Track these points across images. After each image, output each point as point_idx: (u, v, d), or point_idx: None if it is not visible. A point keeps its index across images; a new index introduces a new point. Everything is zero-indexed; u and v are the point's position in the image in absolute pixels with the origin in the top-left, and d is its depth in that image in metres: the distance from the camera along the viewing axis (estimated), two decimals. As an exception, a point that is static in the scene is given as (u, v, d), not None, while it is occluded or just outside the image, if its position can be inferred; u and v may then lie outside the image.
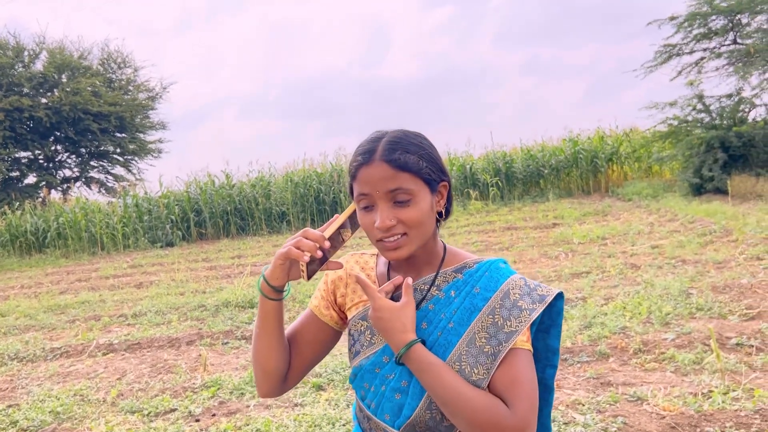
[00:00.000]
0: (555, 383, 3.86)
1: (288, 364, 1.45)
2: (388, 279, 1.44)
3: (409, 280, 1.32)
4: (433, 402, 1.29)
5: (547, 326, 1.39)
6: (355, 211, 1.35)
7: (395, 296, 1.38)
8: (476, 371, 1.27)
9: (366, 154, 1.30)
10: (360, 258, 1.52)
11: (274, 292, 1.35)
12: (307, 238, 1.27)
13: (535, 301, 1.31)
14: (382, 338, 1.37)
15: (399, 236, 1.29)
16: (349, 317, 1.47)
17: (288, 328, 1.50)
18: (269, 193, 16.76)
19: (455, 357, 1.28)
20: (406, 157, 1.28)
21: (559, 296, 1.36)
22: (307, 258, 1.25)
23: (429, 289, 1.37)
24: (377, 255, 1.50)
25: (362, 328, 1.43)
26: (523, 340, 1.28)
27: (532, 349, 1.31)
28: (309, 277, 1.30)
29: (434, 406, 1.29)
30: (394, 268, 1.45)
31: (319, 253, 1.26)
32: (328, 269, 1.35)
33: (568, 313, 5.41)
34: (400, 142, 1.30)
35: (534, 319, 1.30)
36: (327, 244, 1.28)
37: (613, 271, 6.97)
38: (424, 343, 1.30)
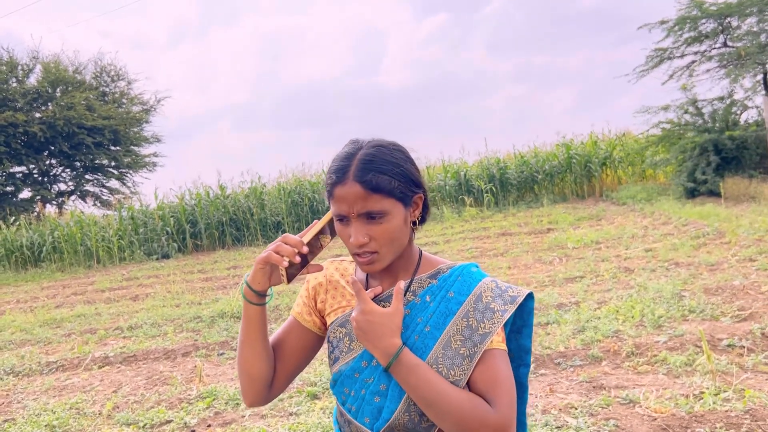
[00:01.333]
0: (548, 387, 3.88)
1: (273, 370, 1.48)
2: (366, 285, 1.48)
3: (402, 284, 1.35)
4: (412, 404, 1.32)
5: (519, 327, 1.44)
6: (332, 218, 1.38)
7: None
8: (453, 373, 1.30)
9: (340, 173, 1.33)
10: (339, 265, 1.56)
11: (257, 297, 1.39)
12: (286, 243, 1.32)
13: (506, 303, 1.36)
14: (360, 344, 1.40)
15: (371, 253, 1.33)
16: (328, 323, 1.50)
17: (272, 336, 1.53)
18: (263, 203, 16.78)
19: (432, 359, 1.32)
20: (379, 178, 1.30)
21: (530, 297, 1.41)
22: (286, 263, 1.30)
23: (404, 295, 1.40)
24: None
25: (341, 334, 1.46)
26: (498, 340, 1.32)
27: (507, 349, 1.35)
28: (289, 281, 1.34)
29: (413, 408, 1.32)
30: (372, 275, 1.48)
31: (298, 258, 1.30)
32: (308, 272, 1.39)
33: (561, 318, 5.44)
34: (373, 160, 1.32)
35: (507, 319, 1.34)
36: (305, 249, 1.32)
37: (607, 275, 7.00)
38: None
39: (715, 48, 15.32)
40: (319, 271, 1.41)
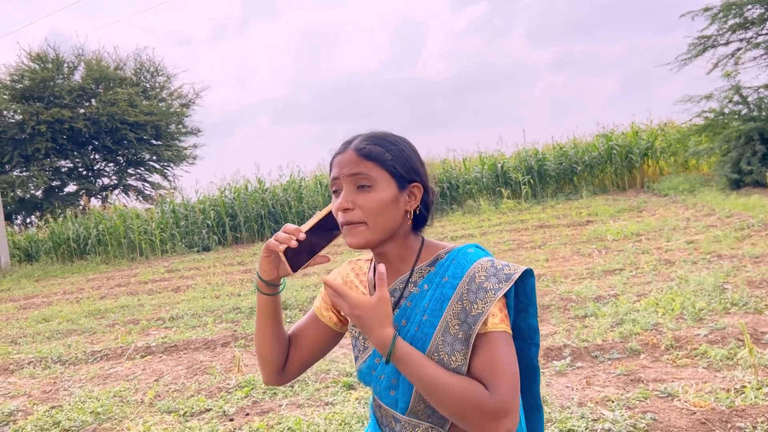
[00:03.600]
0: (585, 380, 3.85)
1: (285, 356, 1.52)
2: (374, 283, 1.47)
3: (381, 267, 1.31)
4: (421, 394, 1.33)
5: (525, 305, 1.39)
6: (326, 218, 1.39)
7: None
8: (454, 359, 1.29)
9: (343, 145, 1.40)
10: (355, 264, 1.57)
11: (267, 287, 1.42)
12: (284, 231, 1.35)
13: (500, 281, 1.31)
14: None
15: (358, 224, 1.34)
16: (349, 325, 1.53)
17: (294, 325, 1.58)
18: (301, 196, 16.92)
19: (433, 348, 1.31)
20: (373, 148, 1.36)
21: (529, 274, 1.37)
22: (282, 248, 1.32)
23: (405, 287, 1.40)
24: (371, 260, 1.54)
25: (356, 333, 1.49)
26: (495, 322, 1.29)
27: (510, 331, 1.31)
28: (295, 270, 1.36)
29: (424, 397, 1.33)
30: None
31: (294, 243, 1.32)
32: (315, 263, 1.40)
33: (599, 310, 5.38)
34: (374, 137, 1.38)
35: (499, 297, 1.29)
36: (302, 235, 1.33)
37: (647, 267, 6.88)
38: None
39: (761, 34, 14.85)
40: (326, 262, 1.41)
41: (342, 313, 1.48)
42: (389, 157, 1.36)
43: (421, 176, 1.41)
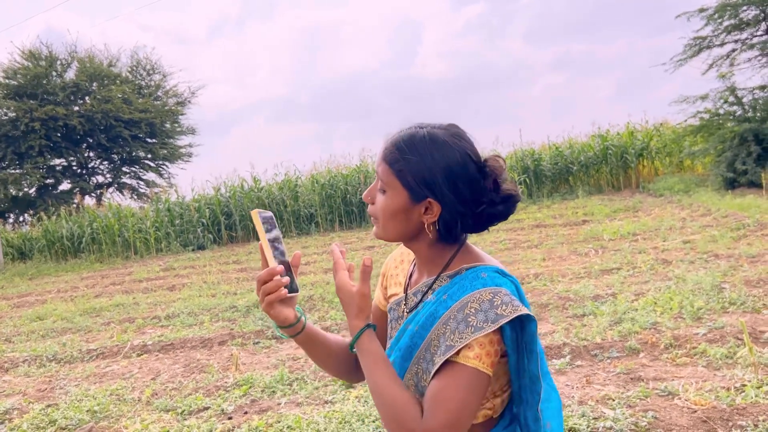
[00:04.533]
0: (585, 379, 3.84)
1: (350, 364, 1.49)
2: (410, 274, 1.46)
3: (368, 261, 1.27)
4: (409, 380, 1.32)
5: (530, 349, 1.27)
6: (265, 231, 1.32)
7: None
8: (425, 378, 1.27)
9: (387, 137, 1.37)
10: (403, 249, 1.55)
11: (292, 329, 1.35)
12: (266, 283, 1.26)
13: (488, 320, 1.20)
14: (393, 333, 1.42)
15: (373, 218, 1.36)
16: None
17: None
18: (297, 194, 16.89)
19: (416, 359, 1.29)
20: (392, 154, 1.31)
21: (527, 319, 1.23)
22: (285, 292, 1.26)
23: (426, 292, 1.37)
24: None
25: (389, 320, 1.49)
26: (468, 355, 1.20)
27: (484, 370, 1.21)
28: (296, 291, 1.33)
29: (410, 382, 1.32)
30: (416, 267, 1.46)
31: (286, 279, 1.27)
32: (297, 265, 1.35)
33: (597, 309, 5.38)
34: (405, 139, 1.31)
35: (478, 336, 1.19)
36: (280, 268, 1.27)
37: (644, 266, 6.89)
38: (374, 329, 1.29)
39: (756, 36, 14.91)
40: (300, 258, 1.36)
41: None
42: (402, 166, 1.29)
43: (440, 193, 1.28)
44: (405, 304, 1.42)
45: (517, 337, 1.24)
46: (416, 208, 1.30)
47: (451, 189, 1.27)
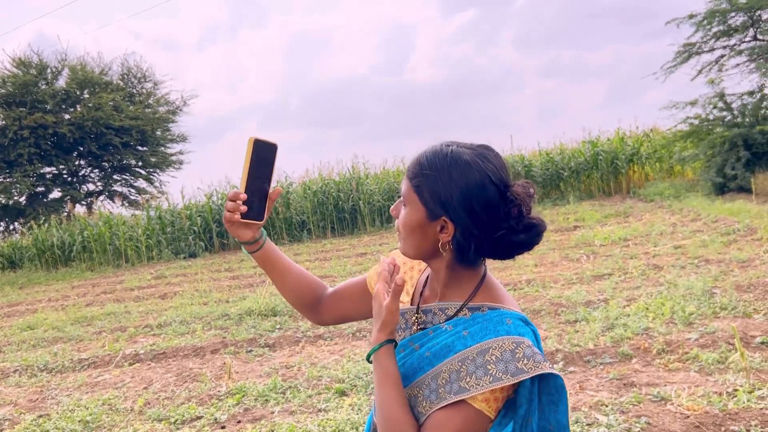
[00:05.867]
0: (578, 385, 3.85)
1: (309, 296, 1.61)
2: (423, 288, 1.46)
3: (401, 279, 1.26)
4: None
5: (555, 400, 1.27)
6: (253, 161, 1.39)
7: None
8: (424, 405, 1.27)
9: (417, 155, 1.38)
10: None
11: (250, 246, 1.49)
12: (229, 200, 1.39)
13: (507, 372, 1.19)
14: (400, 335, 1.42)
15: (398, 234, 1.38)
16: None
17: (347, 280, 1.65)
18: (289, 202, 16.87)
19: (418, 383, 1.29)
20: (415, 169, 1.31)
21: (554, 376, 1.23)
22: (237, 216, 1.38)
23: (452, 316, 1.35)
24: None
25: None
26: (481, 399, 1.20)
27: (488, 414, 1.22)
28: (261, 219, 1.43)
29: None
30: (429, 283, 1.45)
31: (243, 208, 1.38)
32: (273, 200, 1.45)
33: (590, 315, 5.40)
34: (427, 156, 1.30)
35: (495, 387, 1.19)
36: (243, 196, 1.38)
37: (636, 272, 6.92)
38: (395, 344, 1.30)
39: (744, 42, 15.05)
40: (279, 192, 1.46)
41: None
42: (419, 182, 1.29)
43: (453, 212, 1.25)
44: (416, 320, 1.40)
45: (532, 390, 1.23)
46: (432, 225, 1.29)
47: (465, 210, 1.24)
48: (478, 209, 1.24)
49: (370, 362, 1.30)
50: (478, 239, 1.25)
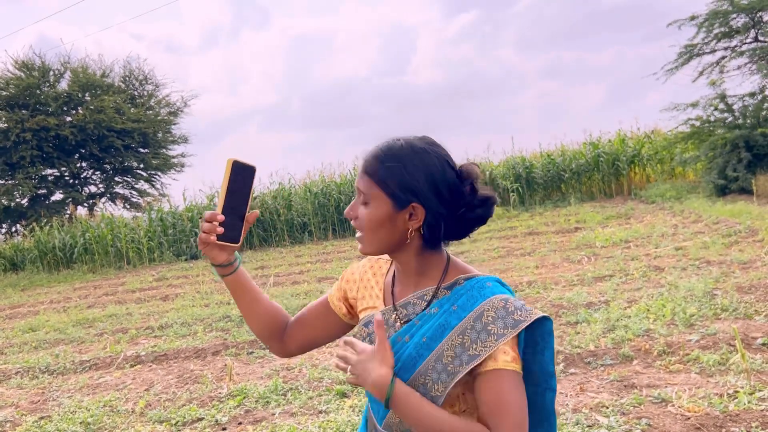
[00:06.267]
0: (579, 386, 3.85)
1: (274, 327, 1.55)
2: (392, 287, 1.47)
3: (379, 316, 1.32)
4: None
5: (541, 348, 1.34)
6: (231, 182, 1.38)
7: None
8: (436, 387, 1.29)
9: (366, 152, 1.40)
10: (375, 263, 1.56)
11: (222, 269, 1.45)
12: (205, 221, 1.37)
13: (507, 326, 1.26)
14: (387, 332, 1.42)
15: (358, 233, 1.38)
16: (358, 325, 1.52)
17: (308, 305, 1.61)
18: (290, 204, 16.88)
19: (422, 370, 1.30)
20: (371, 165, 1.34)
21: (544, 319, 1.31)
22: (212, 238, 1.36)
23: (430, 301, 1.39)
24: (391, 262, 1.53)
25: (364, 334, 1.47)
26: (507, 359, 1.25)
27: (520, 371, 1.28)
28: (237, 242, 1.40)
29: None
30: (397, 279, 1.47)
31: (220, 229, 1.36)
32: (250, 223, 1.43)
33: (591, 317, 5.40)
34: (382, 150, 1.35)
35: (501, 343, 1.26)
36: (221, 217, 1.36)
37: (637, 273, 6.92)
38: (395, 374, 1.30)
39: (746, 43, 15.05)
40: (256, 216, 1.44)
41: (355, 313, 1.53)
42: (384, 175, 1.32)
43: (423, 196, 1.31)
44: (397, 316, 1.42)
45: (528, 340, 1.31)
46: (400, 215, 1.34)
47: (433, 192, 1.31)
48: (443, 190, 1.32)
49: (389, 408, 1.29)
50: (446, 219, 1.33)
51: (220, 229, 1.36)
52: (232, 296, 1.50)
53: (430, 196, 1.31)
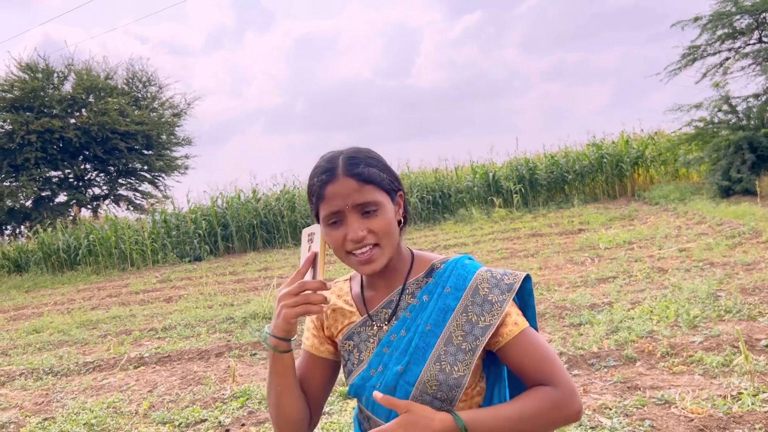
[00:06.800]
0: (582, 388, 3.85)
1: (300, 414, 1.45)
2: (363, 298, 1.46)
3: (378, 394, 1.26)
4: (433, 378, 1.34)
5: (522, 308, 1.41)
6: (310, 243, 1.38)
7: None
8: (456, 368, 1.30)
9: (328, 173, 1.32)
10: (335, 287, 1.55)
11: (287, 344, 1.36)
12: (309, 290, 1.29)
13: (503, 292, 1.35)
14: (369, 353, 1.41)
15: (371, 247, 1.32)
16: (338, 342, 1.50)
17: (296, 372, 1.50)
18: (294, 205, 16.90)
19: (435, 357, 1.31)
20: (369, 170, 1.32)
21: (527, 278, 1.40)
22: (326, 308, 1.32)
23: (401, 298, 1.40)
24: (350, 279, 1.54)
25: (350, 347, 1.46)
26: (518, 321, 1.34)
27: (527, 323, 1.36)
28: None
29: (432, 382, 1.34)
30: (367, 286, 1.47)
31: (330, 302, 1.35)
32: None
33: (594, 318, 5.39)
34: (358, 156, 1.35)
35: (506, 307, 1.33)
36: (329, 285, 1.33)
37: (640, 275, 6.91)
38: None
39: (750, 44, 15.02)
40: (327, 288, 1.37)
41: (336, 339, 1.49)
42: (384, 176, 1.35)
43: (399, 182, 1.42)
44: (385, 315, 1.42)
45: (517, 301, 1.41)
46: (395, 208, 1.38)
47: (398, 177, 1.42)
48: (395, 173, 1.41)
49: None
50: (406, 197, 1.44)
51: (330, 302, 1.32)
52: (286, 377, 1.38)
53: (400, 180, 1.42)
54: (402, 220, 1.41)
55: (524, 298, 1.42)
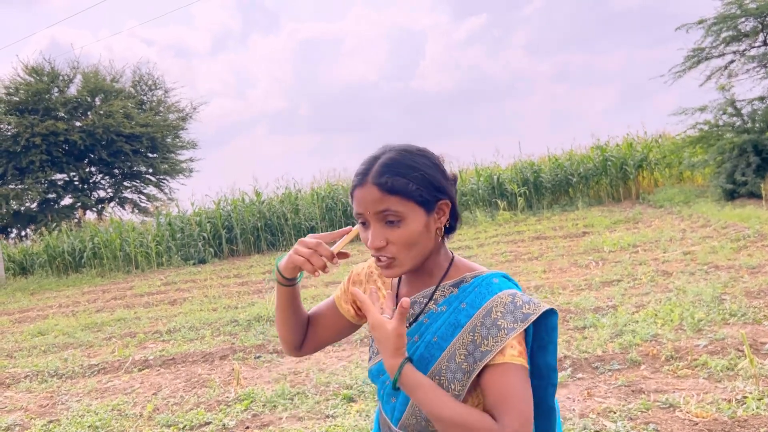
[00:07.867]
0: (586, 392, 3.85)
1: (302, 336, 1.58)
2: (398, 289, 1.48)
3: (406, 302, 1.27)
4: (417, 410, 1.34)
5: (545, 343, 1.36)
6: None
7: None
8: (453, 387, 1.29)
9: (360, 176, 1.34)
10: (372, 262, 1.57)
11: (286, 281, 1.46)
12: (320, 252, 1.36)
13: (516, 320, 1.28)
14: None
15: (390, 259, 1.33)
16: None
17: (314, 306, 1.62)
18: (297, 208, 16.92)
19: (436, 371, 1.31)
20: (395, 180, 1.30)
21: (550, 312, 1.33)
22: (318, 275, 1.36)
23: (427, 303, 1.40)
24: None
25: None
26: (513, 354, 1.26)
27: (527, 366, 1.28)
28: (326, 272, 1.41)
29: (418, 413, 1.34)
30: (404, 281, 1.48)
31: (327, 270, 1.36)
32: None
33: (598, 321, 5.38)
34: (392, 164, 1.32)
35: (512, 337, 1.27)
36: (336, 260, 1.37)
37: (645, 278, 6.90)
38: (411, 360, 1.31)
39: (755, 47, 14.98)
40: (346, 258, 1.43)
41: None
42: (414, 187, 1.31)
43: (447, 191, 1.36)
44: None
45: (535, 334, 1.33)
46: (431, 218, 1.35)
47: (449, 182, 1.38)
48: (449, 178, 1.39)
49: (397, 389, 1.30)
50: (456, 203, 1.40)
51: (327, 271, 1.37)
52: (283, 306, 1.50)
53: (449, 187, 1.37)
54: (445, 227, 1.39)
55: (548, 332, 1.34)
